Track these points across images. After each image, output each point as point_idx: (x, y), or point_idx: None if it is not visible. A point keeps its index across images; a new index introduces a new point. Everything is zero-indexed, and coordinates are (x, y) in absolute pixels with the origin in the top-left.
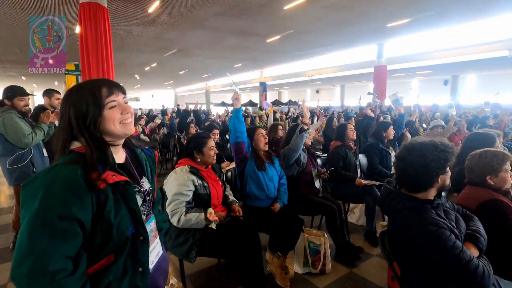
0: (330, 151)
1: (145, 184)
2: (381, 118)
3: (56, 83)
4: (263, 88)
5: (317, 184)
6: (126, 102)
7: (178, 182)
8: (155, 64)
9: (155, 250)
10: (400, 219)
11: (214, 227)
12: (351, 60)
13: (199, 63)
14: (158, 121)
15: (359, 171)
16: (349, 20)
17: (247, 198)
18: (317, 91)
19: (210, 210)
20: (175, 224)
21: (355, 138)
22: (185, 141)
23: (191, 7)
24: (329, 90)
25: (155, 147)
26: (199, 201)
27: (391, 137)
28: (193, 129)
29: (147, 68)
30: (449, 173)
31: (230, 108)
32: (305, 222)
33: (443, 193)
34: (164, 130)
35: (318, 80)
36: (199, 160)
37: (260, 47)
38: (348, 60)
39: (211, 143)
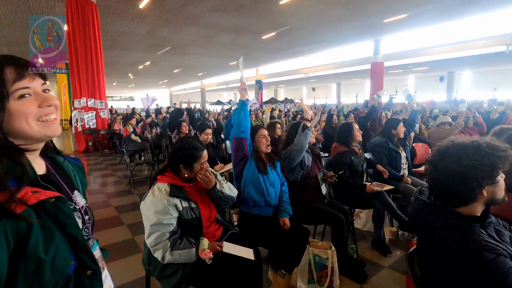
0: (332, 157)
1: (80, 200)
2: (383, 114)
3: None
4: (259, 86)
5: (324, 189)
6: (46, 91)
7: (156, 209)
8: (148, 63)
9: (106, 285)
10: (438, 240)
11: (208, 262)
12: (348, 57)
13: (194, 61)
14: (149, 119)
15: (365, 176)
16: (346, 16)
17: (245, 203)
18: (313, 89)
19: (203, 243)
20: (159, 259)
21: (361, 139)
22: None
23: (183, 3)
24: (325, 87)
25: (146, 148)
26: (186, 227)
27: (401, 135)
28: (185, 128)
29: (140, 67)
30: (502, 183)
31: (226, 107)
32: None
33: None
34: (156, 130)
35: (314, 78)
36: (186, 175)
37: (255, 45)
38: (344, 57)
39: (205, 156)
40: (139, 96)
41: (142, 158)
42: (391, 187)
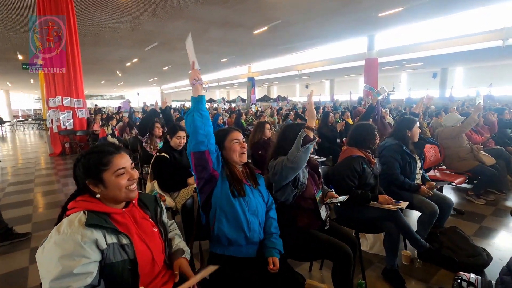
0: (340, 161)
1: None
2: (383, 111)
3: (32, 81)
4: (251, 83)
5: (323, 213)
6: None
7: (63, 252)
8: (136, 60)
9: None
10: None
11: None
12: (341, 53)
13: (183, 58)
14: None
15: (377, 191)
16: (339, 9)
17: (217, 242)
18: (307, 86)
19: None
20: None
21: (377, 145)
22: (148, 146)
23: None
24: (319, 85)
25: None
26: (114, 277)
27: (416, 138)
28: (159, 130)
29: (128, 64)
30: None
31: (216, 105)
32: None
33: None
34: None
35: (308, 75)
36: (97, 195)
37: (247, 40)
38: (338, 53)
39: (122, 160)
40: (130, 94)
41: None
42: (406, 203)
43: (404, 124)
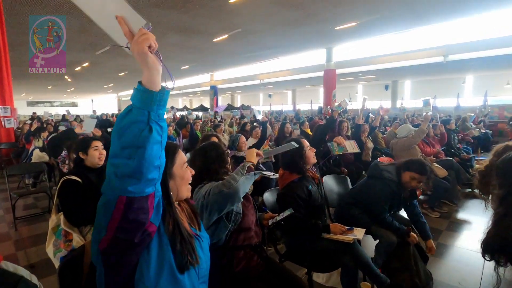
0: (281, 189)
1: None
2: (344, 124)
3: None
4: (214, 91)
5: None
6: None
7: None
8: (87, 64)
9: None
10: None
11: None
12: (302, 64)
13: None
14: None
15: (327, 211)
16: (298, 20)
17: None
18: (270, 95)
19: None
20: None
21: (315, 161)
22: (66, 167)
23: None
24: (281, 94)
25: (41, 170)
26: None
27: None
28: None
29: (78, 68)
30: None
31: (180, 114)
32: None
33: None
34: None
35: (270, 84)
36: None
37: (208, 47)
38: (299, 64)
39: None
40: (84, 101)
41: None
42: (363, 231)
43: (412, 167)
